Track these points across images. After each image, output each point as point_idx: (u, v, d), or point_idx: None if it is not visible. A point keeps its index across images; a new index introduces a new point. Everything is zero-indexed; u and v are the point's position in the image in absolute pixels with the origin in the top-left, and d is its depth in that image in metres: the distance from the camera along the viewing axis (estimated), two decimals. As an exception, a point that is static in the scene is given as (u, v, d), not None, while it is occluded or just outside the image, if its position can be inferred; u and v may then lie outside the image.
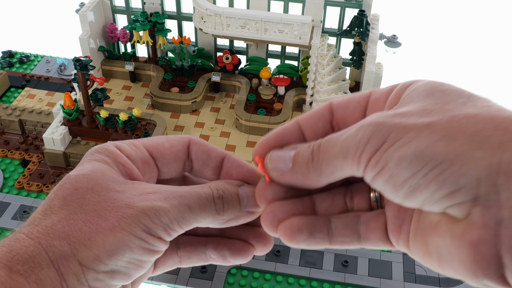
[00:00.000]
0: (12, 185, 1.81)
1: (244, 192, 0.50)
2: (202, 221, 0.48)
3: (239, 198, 0.50)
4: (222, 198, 0.49)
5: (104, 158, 0.48)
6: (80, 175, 0.47)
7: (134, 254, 0.44)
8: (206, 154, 0.53)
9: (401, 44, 1.93)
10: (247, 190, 0.50)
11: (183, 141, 0.53)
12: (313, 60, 1.86)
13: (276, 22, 1.84)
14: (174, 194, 0.47)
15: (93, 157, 0.49)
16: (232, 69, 2.08)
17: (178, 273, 1.51)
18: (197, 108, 2.05)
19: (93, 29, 2.05)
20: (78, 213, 0.44)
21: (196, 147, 0.53)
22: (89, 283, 0.43)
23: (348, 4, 1.90)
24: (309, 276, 1.52)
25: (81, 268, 0.42)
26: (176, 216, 0.46)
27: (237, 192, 0.50)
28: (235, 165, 0.53)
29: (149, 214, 0.45)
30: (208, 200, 0.48)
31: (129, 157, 0.50)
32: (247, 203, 0.50)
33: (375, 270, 1.55)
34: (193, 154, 0.53)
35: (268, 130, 2.02)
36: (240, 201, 0.49)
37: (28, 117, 2.00)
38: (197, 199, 0.47)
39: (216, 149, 0.54)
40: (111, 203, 0.45)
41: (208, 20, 1.89)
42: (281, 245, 1.61)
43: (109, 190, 0.46)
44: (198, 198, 0.47)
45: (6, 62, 2.39)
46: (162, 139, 0.53)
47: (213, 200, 0.48)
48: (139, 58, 2.21)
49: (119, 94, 2.14)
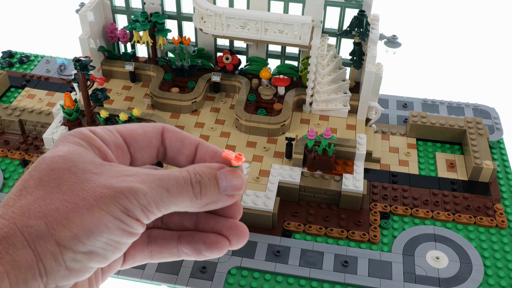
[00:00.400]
0: (12, 185, 1.81)
1: (223, 176, 0.50)
2: (180, 205, 0.48)
3: (218, 182, 0.49)
4: (200, 183, 0.48)
5: (79, 141, 0.48)
6: (56, 156, 0.46)
7: (112, 235, 0.44)
8: (180, 141, 0.53)
9: (401, 44, 1.93)
10: (226, 173, 0.50)
11: (157, 128, 0.53)
12: (313, 60, 1.86)
13: (276, 22, 1.84)
14: (152, 177, 0.46)
15: (68, 140, 0.48)
16: (232, 69, 2.08)
17: (178, 273, 1.51)
18: (197, 108, 2.05)
19: (93, 29, 2.05)
20: (54, 193, 0.43)
21: (170, 134, 0.54)
22: (66, 264, 0.42)
23: (348, 4, 1.90)
24: (309, 276, 1.52)
25: (59, 248, 0.42)
26: (154, 198, 0.45)
27: (215, 175, 0.49)
28: (209, 151, 0.53)
29: (127, 195, 0.44)
30: (186, 184, 0.48)
31: (103, 141, 0.50)
32: (226, 186, 0.50)
33: (375, 271, 1.55)
34: (167, 141, 0.53)
35: (268, 130, 2.02)
36: (218, 184, 0.49)
37: (28, 117, 2.00)
38: (175, 183, 0.47)
39: (190, 137, 0.54)
40: (88, 183, 0.44)
41: (208, 20, 1.89)
42: (281, 245, 1.61)
43: (86, 171, 0.45)
44: (176, 182, 0.47)
45: (6, 62, 2.39)
46: (136, 126, 0.53)
47: (190, 184, 0.48)
48: (139, 58, 2.21)
49: (119, 94, 2.14)
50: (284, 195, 1.74)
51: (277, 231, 1.66)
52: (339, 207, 1.73)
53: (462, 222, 1.70)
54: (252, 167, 1.78)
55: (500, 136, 2.06)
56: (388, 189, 1.81)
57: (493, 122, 2.13)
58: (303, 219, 1.70)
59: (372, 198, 1.78)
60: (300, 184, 1.72)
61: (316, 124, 1.97)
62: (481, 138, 1.93)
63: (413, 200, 1.77)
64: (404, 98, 2.26)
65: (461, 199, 1.78)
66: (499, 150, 2.01)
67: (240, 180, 0.50)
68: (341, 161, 1.80)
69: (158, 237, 0.53)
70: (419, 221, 1.71)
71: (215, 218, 0.53)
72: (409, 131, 2.02)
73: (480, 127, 1.97)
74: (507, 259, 1.59)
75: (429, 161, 1.94)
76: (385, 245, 1.63)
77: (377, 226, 1.67)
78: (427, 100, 2.23)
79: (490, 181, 1.84)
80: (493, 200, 1.79)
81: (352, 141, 1.81)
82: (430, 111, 2.17)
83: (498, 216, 1.72)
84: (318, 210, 1.72)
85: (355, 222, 1.68)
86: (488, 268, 1.56)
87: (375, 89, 1.91)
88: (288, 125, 1.95)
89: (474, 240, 1.65)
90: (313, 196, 1.74)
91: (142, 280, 1.51)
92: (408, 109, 2.19)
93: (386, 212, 1.73)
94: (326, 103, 1.98)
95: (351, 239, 1.63)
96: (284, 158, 1.82)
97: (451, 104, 2.21)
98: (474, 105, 2.21)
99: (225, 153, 0.50)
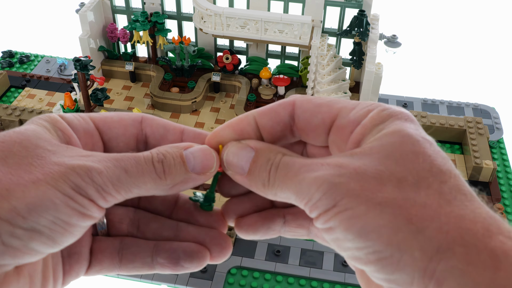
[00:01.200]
0: (12, 185, 1.81)
1: (191, 154, 0.47)
2: (143, 187, 0.45)
3: (183, 161, 0.46)
4: (162, 162, 0.45)
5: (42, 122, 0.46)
6: (10, 131, 0.44)
7: (59, 212, 0.40)
8: (163, 128, 0.51)
9: (401, 44, 1.93)
10: (194, 151, 0.47)
11: (134, 116, 0.51)
12: (313, 60, 1.86)
13: (276, 22, 1.84)
14: (109, 157, 0.44)
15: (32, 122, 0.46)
16: (232, 69, 2.08)
17: (178, 273, 1.51)
18: (197, 108, 2.05)
19: (93, 29, 2.05)
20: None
21: (150, 122, 0.51)
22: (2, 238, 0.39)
23: (348, 4, 1.90)
24: (309, 276, 1.52)
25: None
26: (110, 178, 0.43)
27: (180, 154, 0.47)
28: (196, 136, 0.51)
29: (79, 172, 0.41)
30: (146, 164, 0.45)
31: (70, 125, 0.47)
32: (194, 165, 0.47)
33: (375, 270, 1.55)
34: (148, 129, 0.51)
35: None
36: (185, 163, 0.46)
37: (28, 117, 2.00)
38: (134, 162, 0.44)
39: (174, 123, 0.52)
40: (38, 159, 0.42)
41: (208, 20, 1.89)
42: (281, 245, 1.61)
43: (39, 147, 0.43)
44: (135, 162, 0.44)
45: (6, 62, 2.39)
46: (112, 113, 0.51)
47: (152, 163, 0.45)
48: (139, 58, 2.21)
49: (119, 94, 2.14)
50: (284, 195, 1.74)
51: (277, 231, 1.66)
52: (339, 207, 1.73)
53: (462, 222, 1.70)
54: (252, 167, 1.78)
55: (500, 136, 2.06)
56: (388, 189, 1.81)
57: (493, 122, 2.13)
58: (303, 219, 1.69)
59: (372, 198, 1.78)
60: (300, 184, 1.72)
61: (316, 124, 1.97)
62: (481, 137, 1.93)
63: (413, 200, 1.77)
64: (404, 98, 2.26)
65: (461, 199, 1.78)
66: (499, 149, 2.01)
67: (209, 158, 0.47)
68: (341, 161, 1.80)
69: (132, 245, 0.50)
70: (419, 221, 1.71)
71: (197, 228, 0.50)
72: (409, 131, 2.02)
73: (480, 127, 1.97)
74: (507, 259, 1.59)
75: (429, 161, 1.94)
76: (385, 245, 1.63)
77: (377, 226, 1.67)
78: (427, 100, 2.23)
79: (490, 180, 1.84)
80: (493, 199, 1.79)
81: (352, 141, 1.80)
82: (430, 111, 2.17)
83: (498, 216, 1.71)
84: (318, 210, 1.72)
85: (355, 222, 1.68)
86: (488, 267, 1.56)
87: (375, 89, 1.91)
88: (288, 125, 1.95)
89: (474, 240, 1.65)
90: (313, 196, 1.74)
91: (142, 280, 1.51)
92: (408, 109, 2.18)
93: (386, 212, 1.72)
94: (326, 103, 1.98)
95: (351, 239, 1.63)
96: (284, 158, 1.82)
97: (451, 104, 2.21)
98: (474, 105, 2.21)
99: None
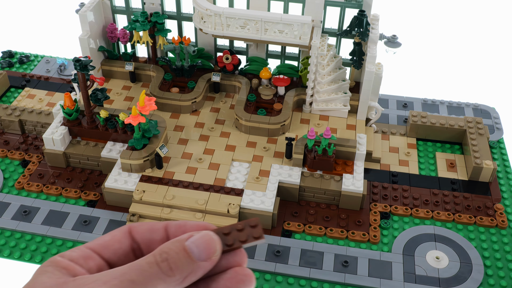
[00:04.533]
0: (12, 185, 1.81)
1: (192, 244, 0.49)
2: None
3: (188, 252, 0.49)
4: (167, 260, 0.48)
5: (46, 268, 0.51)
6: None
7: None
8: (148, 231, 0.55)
9: (401, 44, 1.93)
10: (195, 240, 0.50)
11: (123, 228, 0.56)
12: (313, 60, 1.86)
13: (276, 22, 1.84)
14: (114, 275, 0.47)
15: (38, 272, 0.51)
16: (232, 69, 2.08)
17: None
18: (197, 108, 2.05)
19: (93, 29, 2.05)
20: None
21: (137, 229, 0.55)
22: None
23: (348, 4, 1.90)
24: (309, 276, 1.52)
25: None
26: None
27: (183, 247, 0.49)
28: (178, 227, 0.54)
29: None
30: (151, 268, 0.48)
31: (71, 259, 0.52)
32: (199, 253, 0.49)
33: (375, 271, 1.55)
34: (137, 236, 0.55)
35: (268, 130, 2.02)
36: (189, 254, 0.49)
37: (28, 117, 2.00)
38: (139, 271, 0.47)
39: (157, 223, 0.55)
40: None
41: (208, 20, 1.89)
42: (281, 245, 1.61)
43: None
44: (140, 270, 0.47)
45: (6, 62, 2.39)
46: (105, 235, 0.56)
47: (156, 265, 0.48)
48: (139, 58, 2.21)
49: (119, 94, 2.14)
50: (284, 195, 1.74)
51: (277, 231, 1.66)
52: (339, 207, 1.73)
53: (462, 222, 1.70)
54: (252, 167, 1.78)
55: (500, 136, 2.06)
56: (388, 189, 1.81)
57: (493, 122, 2.13)
58: (303, 219, 1.70)
59: (372, 198, 1.78)
60: (300, 184, 1.72)
61: (316, 124, 1.97)
62: (481, 138, 1.93)
63: (413, 200, 1.77)
64: (404, 98, 2.26)
65: (461, 199, 1.78)
66: (499, 150, 2.01)
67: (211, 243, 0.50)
68: (341, 161, 1.80)
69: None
70: (419, 221, 1.71)
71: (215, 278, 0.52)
72: (409, 131, 2.02)
73: (480, 127, 1.97)
74: (507, 259, 1.59)
75: (429, 161, 1.94)
76: (385, 245, 1.63)
77: (377, 226, 1.67)
78: (427, 100, 2.23)
79: (490, 181, 1.84)
80: (493, 200, 1.79)
81: (352, 141, 1.81)
82: (430, 111, 2.17)
83: (498, 216, 1.71)
84: (318, 210, 1.72)
85: (355, 222, 1.68)
86: (488, 268, 1.56)
87: (375, 89, 1.91)
88: (288, 125, 1.95)
89: (474, 240, 1.65)
90: (313, 196, 1.74)
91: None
92: (408, 109, 2.19)
93: (386, 212, 1.73)
94: (326, 103, 1.98)
95: (351, 239, 1.63)
96: (284, 158, 1.82)
97: (451, 104, 2.21)
98: (474, 105, 2.21)
99: None
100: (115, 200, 1.72)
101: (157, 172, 1.75)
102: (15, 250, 1.61)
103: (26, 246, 1.62)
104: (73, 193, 1.77)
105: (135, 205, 1.66)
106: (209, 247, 0.49)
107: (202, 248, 0.49)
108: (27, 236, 1.64)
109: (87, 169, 1.86)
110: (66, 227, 1.66)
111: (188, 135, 1.93)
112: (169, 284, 0.48)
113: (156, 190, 1.68)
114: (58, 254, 0.54)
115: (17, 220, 1.68)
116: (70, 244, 1.62)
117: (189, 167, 1.78)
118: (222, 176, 1.75)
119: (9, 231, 1.66)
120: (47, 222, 1.68)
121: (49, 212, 1.71)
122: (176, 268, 0.48)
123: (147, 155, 1.72)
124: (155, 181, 1.71)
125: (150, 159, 1.74)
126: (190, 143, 1.90)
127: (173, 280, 0.48)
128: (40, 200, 1.76)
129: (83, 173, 1.85)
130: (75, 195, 1.76)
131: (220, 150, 1.86)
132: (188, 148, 1.87)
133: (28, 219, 1.69)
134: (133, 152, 1.72)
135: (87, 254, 0.53)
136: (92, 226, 1.67)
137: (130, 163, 1.72)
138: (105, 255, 0.54)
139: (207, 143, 1.89)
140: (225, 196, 1.67)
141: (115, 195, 1.71)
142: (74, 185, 1.80)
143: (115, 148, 1.83)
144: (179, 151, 1.85)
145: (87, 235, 1.64)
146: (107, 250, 0.54)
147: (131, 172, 1.73)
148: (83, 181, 1.82)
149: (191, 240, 0.50)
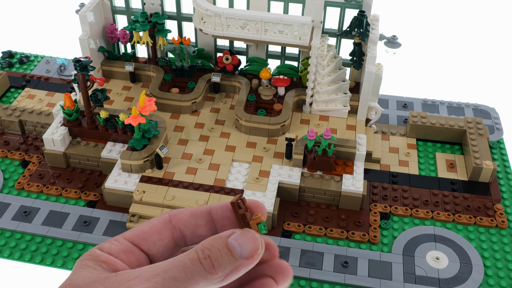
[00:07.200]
0: (12, 185, 1.81)
1: (235, 241, 0.49)
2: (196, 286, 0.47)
3: (230, 250, 0.48)
4: (210, 256, 0.47)
5: (86, 262, 0.50)
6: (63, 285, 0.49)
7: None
8: (192, 217, 0.54)
9: (401, 45, 1.93)
10: (238, 238, 0.49)
11: (163, 218, 0.54)
12: (313, 61, 1.86)
13: (276, 22, 1.84)
14: (156, 271, 0.47)
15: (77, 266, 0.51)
16: (232, 70, 2.08)
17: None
18: (197, 109, 2.05)
19: (93, 29, 2.05)
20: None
21: (179, 217, 0.54)
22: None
23: (348, 4, 1.90)
24: (309, 277, 1.52)
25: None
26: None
27: (226, 244, 0.48)
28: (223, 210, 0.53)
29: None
30: (194, 265, 0.47)
31: (110, 253, 0.51)
32: (241, 251, 0.48)
33: (375, 271, 1.55)
34: (180, 224, 0.54)
35: (268, 131, 2.01)
36: (232, 252, 0.48)
37: (28, 117, 2.00)
38: (181, 268, 0.47)
39: (199, 207, 0.54)
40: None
41: (208, 20, 1.89)
42: (281, 245, 1.61)
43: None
44: (182, 267, 0.47)
45: (6, 62, 2.39)
46: (143, 225, 0.54)
47: (199, 262, 0.47)
48: (139, 58, 2.21)
49: (119, 95, 2.14)
50: (284, 196, 1.74)
51: (277, 231, 1.66)
52: (339, 208, 1.73)
53: (462, 222, 1.70)
54: (252, 168, 1.78)
55: (500, 136, 2.06)
56: (388, 190, 1.81)
57: (493, 122, 2.13)
58: (303, 219, 1.70)
59: (372, 198, 1.78)
60: (300, 185, 1.72)
61: (316, 125, 1.97)
62: (481, 138, 1.93)
63: (413, 200, 1.77)
64: (404, 98, 2.26)
65: (461, 200, 1.78)
66: (499, 150, 2.01)
67: (254, 241, 0.49)
68: (341, 162, 1.80)
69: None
70: (419, 221, 1.71)
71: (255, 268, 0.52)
72: (409, 131, 2.02)
73: (480, 127, 1.97)
74: (507, 259, 1.59)
75: (429, 161, 1.94)
76: (385, 245, 1.63)
77: (377, 226, 1.67)
78: (427, 100, 2.23)
79: (490, 181, 1.84)
80: (493, 200, 1.79)
81: (352, 141, 1.81)
82: (430, 111, 2.17)
83: (498, 216, 1.72)
84: (318, 211, 1.72)
85: (355, 222, 1.68)
86: (488, 268, 1.56)
87: (375, 89, 1.91)
88: (288, 126, 1.95)
89: (474, 241, 1.65)
90: (313, 197, 1.74)
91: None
92: (408, 109, 2.19)
93: (386, 212, 1.73)
94: (326, 104, 1.98)
95: (351, 240, 1.63)
96: (284, 158, 1.82)
97: (451, 104, 2.21)
98: (474, 105, 2.21)
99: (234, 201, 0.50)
100: (115, 201, 1.72)
101: (157, 172, 1.75)
102: (15, 250, 1.61)
103: (26, 247, 1.62)
104: (73, 193, 1.77)
105: (135, 205, 1.66)
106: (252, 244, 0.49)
107: (245, 246, 0.49)
108: (27, 236, 1.64)
109: (87, 170, 1.86)
110: (66, 228, 1.66)
111: (188, 136, 1.93)
112: (210, 281, 0.47)
113: (156, 190, 1.68)
114: (96, 246, 0.52)
115: (17, 221, 1.68)
116: (70, 245, 1.62)
117: (189, 168, 1.78)
118: (222, 177, 1.75)
119: (9, 232, 1.66)
120: (47, 223, 1.68)
121: (49, 213, 1.71)
122: (219, 266, 0.47)
123: (147, 155, 1.73)
124: (155, 182, 1.72)
125: (150, 159, 1.74)
126: (190, 143, 1.90)
127: (215, 278, 0.47)
128: (40, 200, 1.76)
129: (83, 174, 1.85)
130: (75, 195, 1.76)
131: (220, 150, 1.86)
132: (188, 149, 1.87)
133: (28, 219, 1.69)
134: (133, 153, 1.73)
135: (127, 247, 0.52)
136: (92, 226, 1.67)
137: (130, 164, 1.72)
138: (144, 247, 0.53)
139: (207, 143, 1.89)
140: (225, 197, 1.67)
141: (115, 195, 1.71)
142: (74, 185, 1.80)
143: (115, 148, 1.83)
144: (179, 151, 1.85)
145: (87, 236, 1.64)
146: (146, 242, 0.53)
147: (131, 173, 1.74)
148: (83, 181, 1.82)
149: (233, 237, 0.49)
